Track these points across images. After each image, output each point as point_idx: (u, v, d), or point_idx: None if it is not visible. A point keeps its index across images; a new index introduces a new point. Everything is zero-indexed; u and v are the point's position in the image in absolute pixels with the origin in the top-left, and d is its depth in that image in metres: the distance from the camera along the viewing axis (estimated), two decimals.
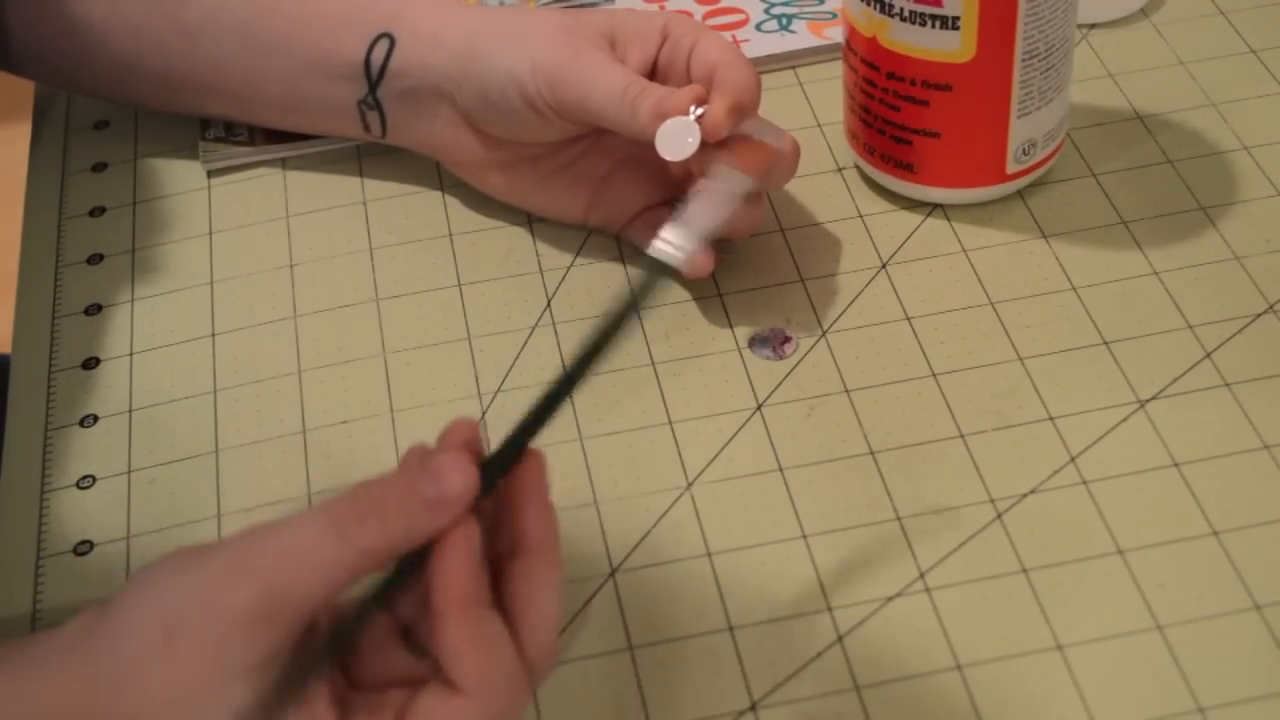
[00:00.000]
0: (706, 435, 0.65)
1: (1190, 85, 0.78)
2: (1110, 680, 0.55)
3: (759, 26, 0.83)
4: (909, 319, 0.69)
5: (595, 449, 0.65)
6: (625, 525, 0.62)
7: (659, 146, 0.65)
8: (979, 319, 0.68)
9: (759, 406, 0.66)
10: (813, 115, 0.78)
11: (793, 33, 0.82)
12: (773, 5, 0.84)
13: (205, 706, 0.48)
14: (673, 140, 0.65)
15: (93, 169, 0.80)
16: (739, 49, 0.68)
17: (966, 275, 0.70)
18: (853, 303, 0.69)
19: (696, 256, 0.69)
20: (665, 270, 0.53)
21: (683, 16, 0.69)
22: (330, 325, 0.71)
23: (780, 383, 0.67)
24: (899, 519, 0.61)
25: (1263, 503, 0.60)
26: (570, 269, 0.72)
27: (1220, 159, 0.74)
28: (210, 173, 0.79)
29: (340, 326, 0.71)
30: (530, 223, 0.74)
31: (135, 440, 0.67)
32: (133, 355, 0.71)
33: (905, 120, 0.70)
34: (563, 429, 0.65)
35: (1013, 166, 0.71)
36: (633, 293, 0.52)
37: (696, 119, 0.65)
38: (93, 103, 0.83)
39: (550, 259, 0.73)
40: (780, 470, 0.63)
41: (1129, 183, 0.73)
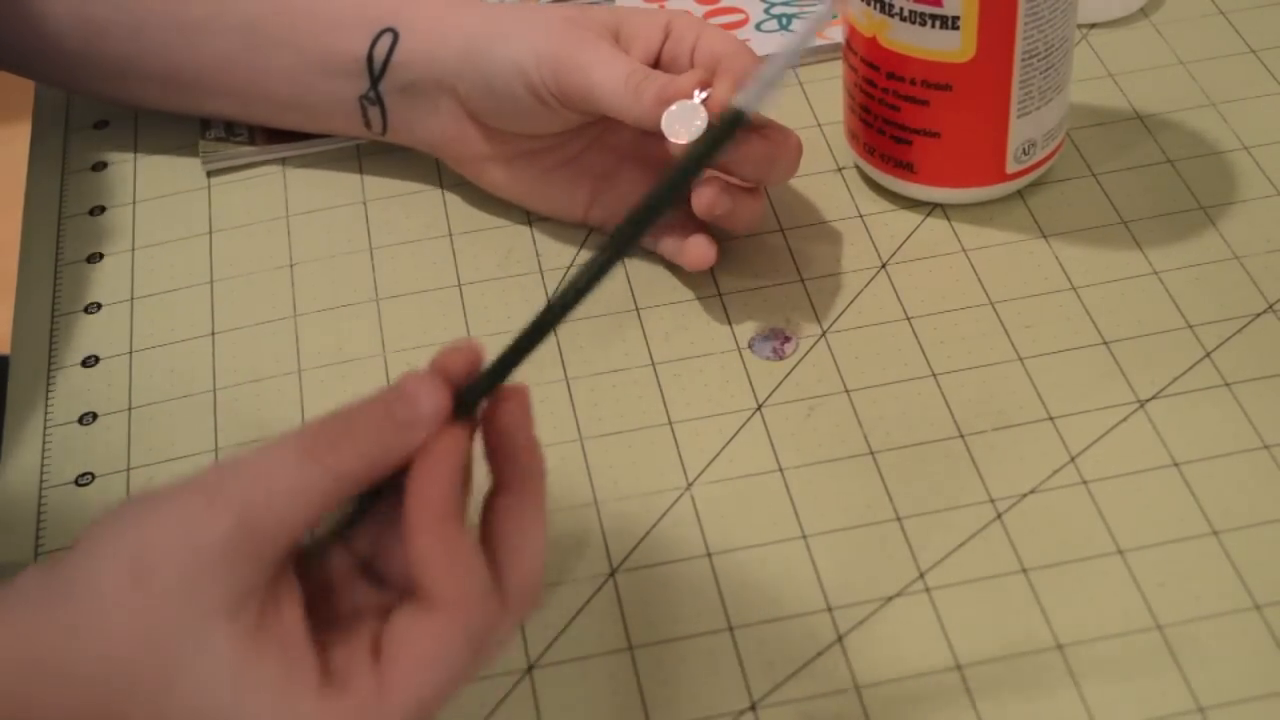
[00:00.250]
0: (706, 435, 0.65)
1: (1190, 85, 0.78)
2: (1110, 680, 0.55)
3: (759, 26, 0.83)
4: (909, 319, 0.69)
5: (595, 449, 0.65)
6: (625, 525, 0.62)
7: (665, 130, 0.65)
8: (979, 319, 0.68)
9: (759, 406, 0.66)
10: (813, 115, 0.78)
11: (793, 33, 0.82)
12: (773, 5, 0.84)
13: (180, 648, 0.46)
14: (679, 124, 0.65)
15: (93, 169, 0.80)
16: (743, 41, 0.68)
17: (966, 275, 0.70)
18: (853, 303, 0.69)
19: (699, 246, 0.69)
20: (741, 121, 0.48)
21: (686, 13, 0.69)
22: (330, 325, 0.71)
23: (780, 383, 0.67)
24: (899, 519, 0.61)
25: (1263, 503, 0.60)
26: (570, 269, 0.72)
27: (1220, 159, 0.74)
28: (210, 172, 0.79)
29: (340, 326, 0.71)
30: (530, 222, 0.74)
31: (134, 438, 0.67)
32: (132, 354, 0.71)
33: (905, 120, 0.70)
34: (563, 429, 0.65)
35: (1013, 166, 0.71)
36: (698, 148, 0.49)
37: (702, 102, 0.65)
38: (93, 103, 0.83)
39: (550, 259, 0.73)
40: (780, 470, 0.63)
41: (1129, 183, 0.73)
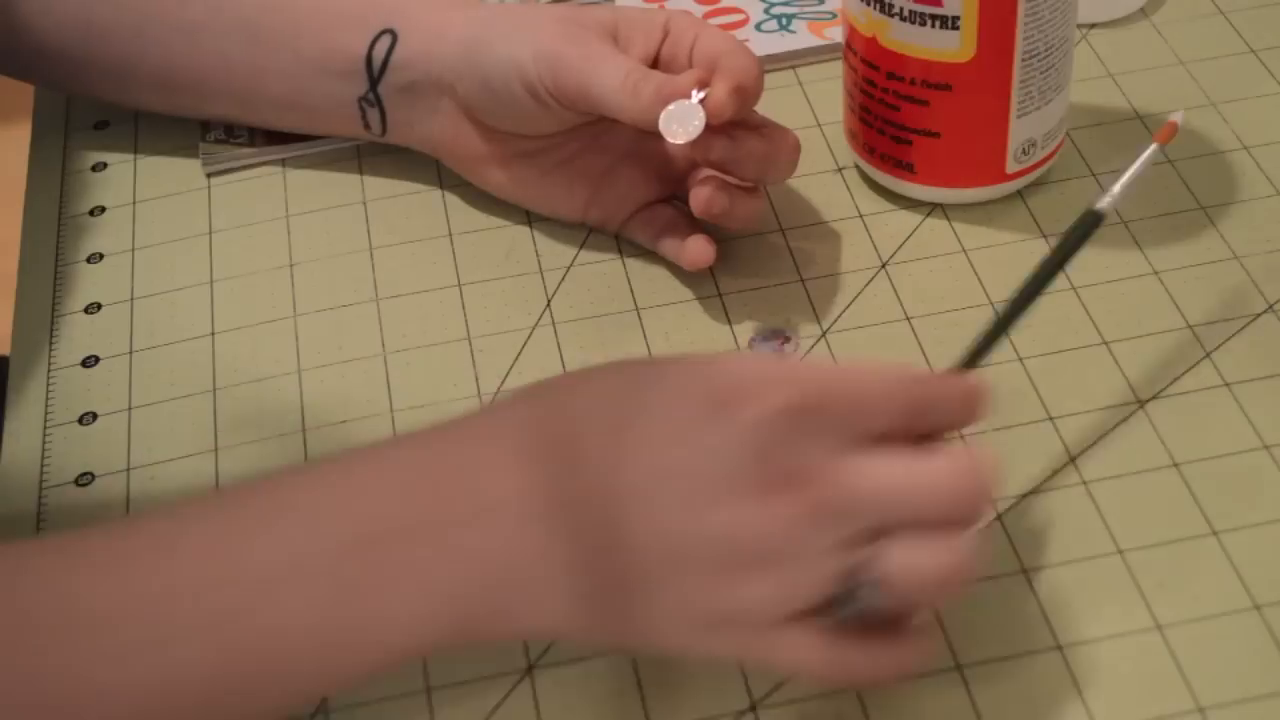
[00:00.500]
0: None
1: (1190, 85, 0.78)
2: (1110, 680, 0.55)
3: (759, 26, 0.83)
4: (909, 319, 0.68)
5: None
6: None
7: (663, 129, 0.65)
8: (979, 319, 0.68)
9: None
10: (813, 115, 0.78)
11: (792, 33, 0.82)
12: (773, 5, 0.84)
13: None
14: (677, 123, 0.65)
15: (93, 169, 0.80)
16: (741, 41, 0.68)
17: (966, 275, 0.70)
18: (853, 303, 0.69)
19: (697, 245, 0.70)
20: (1098, 220, 0.60)
21: (685, 13, 0.69)
22: (330, 325, 0.71)
23: None
24: None
25: (1263, 503, 0.60)
26: (570, 269, 0.72)
27: (1220, 159, 0.74)
28: (210, 174, 0.79)
29: (340, 326, 0.71)
30: (530, 222, 0.74)
31: (134, 438, 0.67)
32: (132, 354, 0.71)
33: (905, 120, 0.70)
34: None
35: (1013, 166, 0.71)
36: (1064, 245, 0.59)
37: (699, 101, 0.65)
38: (93, 103, 0.83)
39: (550, 259, 0.73)
40: None
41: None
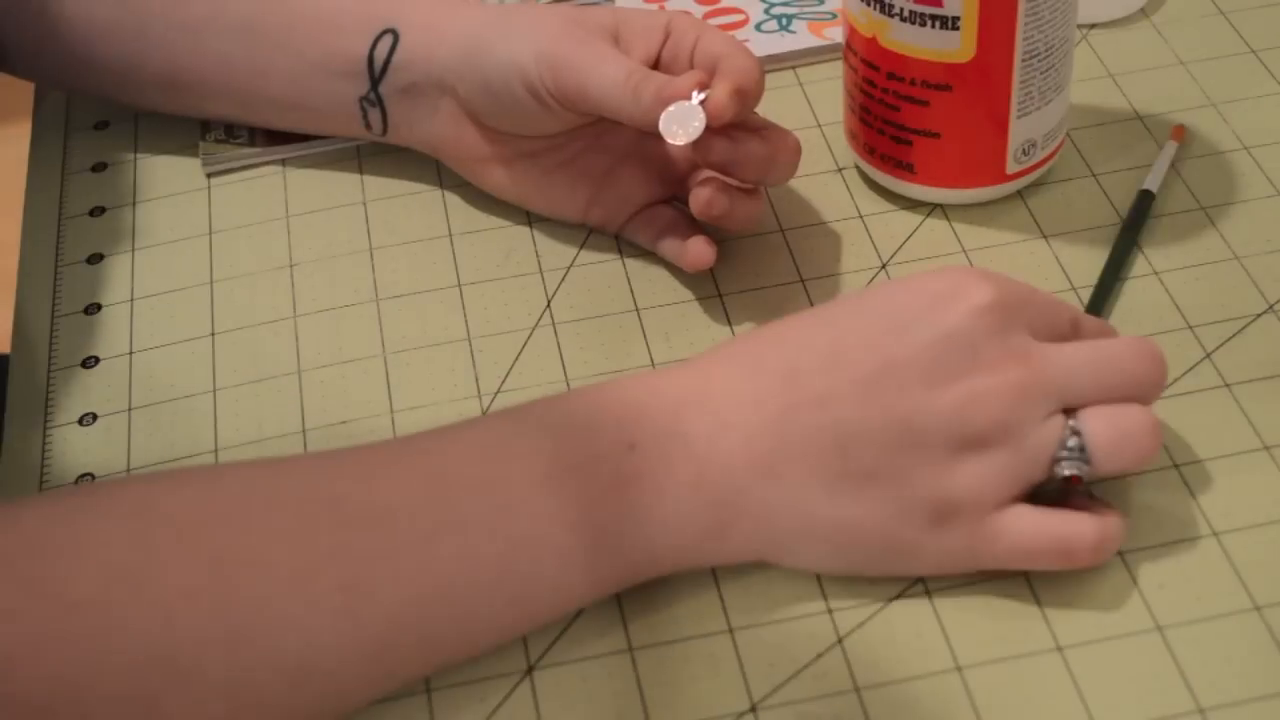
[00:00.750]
0: None
1: (1190, 85, 0.78)
2: (1110, 681, 0.55)
3: (759, 27, 0.83)
4: None
5: None
6: None
7: (663, 131, 0.65)
8: None
9: None
10: (813, 115, 0.78)
11: (792, 33, 0.82)
12: (773, 5, 0.84)
13: None
14: (677, 125, 0.65)
15: (93, 169, 0.80)
16: (741, 43, 0.68)
17: None
18: None
19: (698, 246, 0.70)
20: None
21: (686, 15, 0.69)
22: (330, 325, 0.71)
23: None
24: None
25: (1263, 503, 0.60)
26: (570, 269, 0.72)
27: (1220, 159, 0.74)
28: (210, 174, 0.79)
29: (340, 326, 0.71)
30: (530, 223, 0.74)
31: (134, 439, 0.67)
32: (132, 354, 0.71)
33: (905, 120, 0.70)
34: None
35: (1013, 166, 0.71)
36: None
37: (700, 103, 0.65)
38: (93, 103, 0.83)
39: (550, 259, 0.73)
40: None
41: (1129, 183, 0.73)
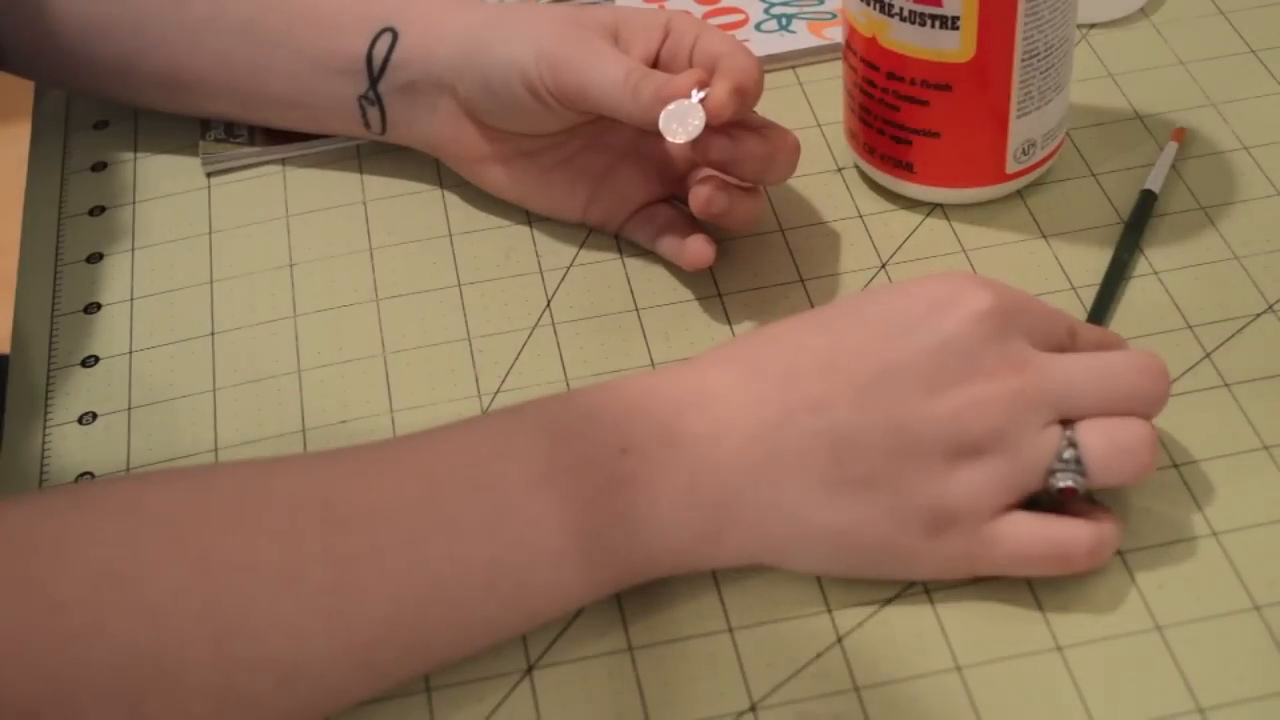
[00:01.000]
0: None
1: (1190, 85, 0.78)
2: (1110, 681, 0.55)
3: (759, 26, 0.83)
4: None
5: None
6: None
7: (663, 129, 0.65)
8: None
9: None
10: (813, 115, 0.78)
11: (792, 33, 0.82)
12: (772, 5, 0.84)
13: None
14: (676, 123, 0.65)
15: (92, 169, 0.80)
16: (741, 42, 0.68)
17: None
18: None
19: (697, 245, 0.70)
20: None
21: (685, 14, 0.69)
22: (330, 325, 0.71)
23: None
24: None
25: (1263, 503, 0.60)
26: (570, 269, 0.72)
27: (1220, 159, 0.74)
28: (210, 173, 0.79)
29: (340, 326, 0.71)
30: (530, 222, 0.74)
31: (134, 438, 0.67)
32: (132, 354, 0.71)
33: (905, 120, 0.70)
34: None
35: (1012, 166, 0.71)
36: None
37: (699, 102, 0.65)
38: (93, 103, 0.83)
39: (550, 259, 0.73)
40: None
41: (1129, 183, 0.73)
